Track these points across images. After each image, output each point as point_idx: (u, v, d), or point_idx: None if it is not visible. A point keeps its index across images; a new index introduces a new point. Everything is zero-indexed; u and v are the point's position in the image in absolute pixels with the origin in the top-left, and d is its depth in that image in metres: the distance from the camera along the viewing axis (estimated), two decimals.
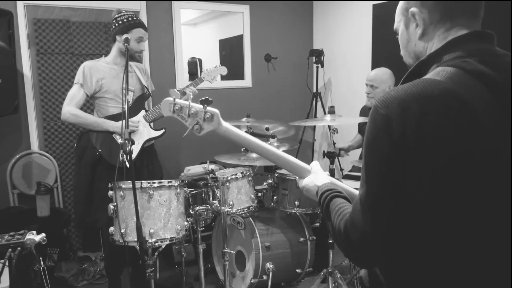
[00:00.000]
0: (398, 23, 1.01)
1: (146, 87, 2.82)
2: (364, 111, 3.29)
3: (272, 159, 1.25)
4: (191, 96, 1.24)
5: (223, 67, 2.95)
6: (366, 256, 0.92)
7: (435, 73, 0.87)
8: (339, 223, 0.94)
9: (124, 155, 1.93)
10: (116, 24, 2.61)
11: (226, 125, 1.20)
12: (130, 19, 2.61)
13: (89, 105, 3.19)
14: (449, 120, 0.80)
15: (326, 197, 1.08)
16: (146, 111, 2.76)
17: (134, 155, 2.49)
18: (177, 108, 1.18)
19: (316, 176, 1.22)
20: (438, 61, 0.91)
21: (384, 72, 3.02)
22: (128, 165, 1.96)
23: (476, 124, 0.81)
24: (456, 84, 0.83)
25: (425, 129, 0.80)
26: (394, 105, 0.82)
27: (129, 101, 2.69)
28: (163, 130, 2.79)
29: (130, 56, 2.64)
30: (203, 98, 1.17)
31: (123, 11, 2.66)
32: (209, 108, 1.17)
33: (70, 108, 2.59)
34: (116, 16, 2.63)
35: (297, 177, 1.28)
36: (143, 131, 2.71)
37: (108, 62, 2.69)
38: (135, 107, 2.73)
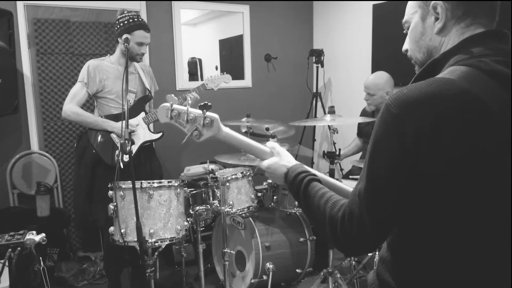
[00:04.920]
0: (412, 15, 0.98)
1: (148, 89, 2.82)
2: (363, 113, 3.29)
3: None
4: (190, 101, 1.22)
5: (228, 75, 2.91)
6: (360, 247, 0.92)
7: (449, 72, 0.85)
8: (331, 212, 0.92)
9: (120, 155, 1.93)
10: (118, 26, 2.59)
11: (226, 130, 1.17)
12: (131, 20, 2.58)
13: (89, 104, 3.19)
14: (465, 120, 0.79)
15: (303, 178, 1.05)
16: (146, 113, 2.76)
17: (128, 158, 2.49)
18: (174, 114, 1.14)
19: (281, 157, 1.17)
20: (452, 59, 0.89)
21: (380, 77, 3.00)
22: (122, 166, 1.95)
23: (492, 124, 0.80)
24: (471, 84, 0.81)
25: (440, 129, 0.78)
26: (407, 105, 0.81)
27: (129, 102, 2.69)
28: (161, 133, 2.79)
29: (131, 58, 2.64)
30: (202, 103, 1.14)
31: (126, 12, 2.64)
32: (208, 113, 1.14)
33: (71, 106, 2.60)
34: (119, 17, 2.61)
35: (258, 160, 1.22)
36: (141, 133, 2.71)
37: (112, 62, 2.69)
38: (136, 109, 2.72)
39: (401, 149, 0.81)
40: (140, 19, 2.64)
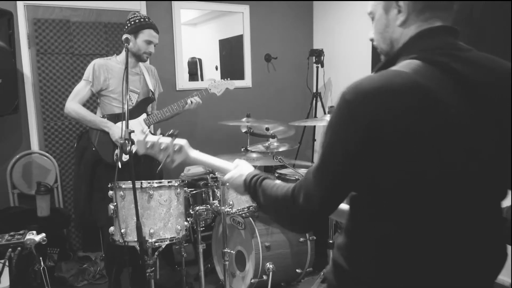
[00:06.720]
0: (375, 6, 1.01)
1: (152, 91, 2.83)
2: None
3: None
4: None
5: (232, 82, 2.90)
6: (306, 220, 0.97)
7: (402, 65, 0.89)
8: (282, 191, 1.00)
9: (119, 155, 1.93)
10: (128, 25, 2.62)
11: (194, 154, 1.33)
12: (142, 20, 2.63)
13: (92, 101, 3.19)
14: (415, 111, 0.82)
15: (258, 179, 1.13)
16: (148, 114, 2.77)
17: (127, 157, 2.50)
18: (148, 146, 1.31)
19: (241, 167, 1.26)
20: (405, 52, 0.94)
21: None
22: (120, 165, 1.96)
23: (443, 116, 0.83)
24: (423, 77, 0.85)
25: (390, 120, 0.82)
26: (359, 93, 0.85)
27: (132, 102, 2.70)
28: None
29: (138, 56, 2.67)
30: (169, 132, 1.29)
31: (137, 13, 2.69)
32: (176, 141, 1.30)
33: (73, 103, 2.62)
34: (129, 17, 2.65)
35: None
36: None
37: (118, 62, 2.71)
38: (137, 110, 2.73)
39: (352, 134, 0.85)
40: (150, 20, 2.68)
